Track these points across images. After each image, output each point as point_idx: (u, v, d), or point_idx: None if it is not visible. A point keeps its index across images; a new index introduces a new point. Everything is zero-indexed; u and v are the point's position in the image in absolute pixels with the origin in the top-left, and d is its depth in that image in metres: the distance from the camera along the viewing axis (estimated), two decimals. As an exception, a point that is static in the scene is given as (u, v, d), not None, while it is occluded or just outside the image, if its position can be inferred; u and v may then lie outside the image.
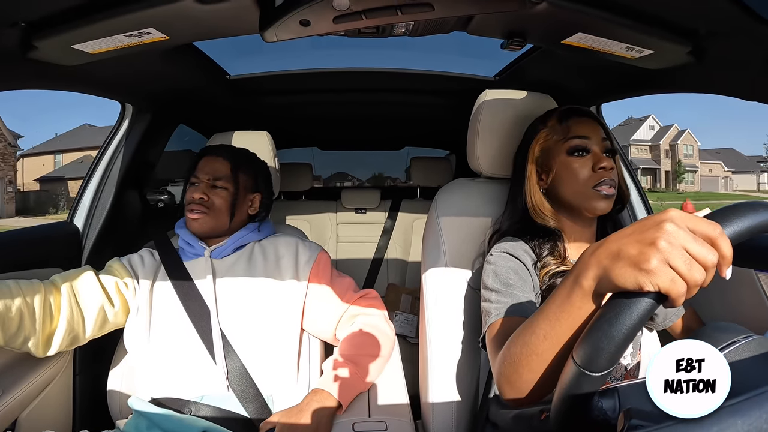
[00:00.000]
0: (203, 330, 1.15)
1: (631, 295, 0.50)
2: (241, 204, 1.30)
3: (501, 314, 0.90)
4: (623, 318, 0.49)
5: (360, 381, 1.11)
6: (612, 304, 0.51)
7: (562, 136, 1.05)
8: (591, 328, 0.52)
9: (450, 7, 0.88)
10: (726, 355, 0.54)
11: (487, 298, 0.96)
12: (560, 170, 1.04)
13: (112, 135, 1.62)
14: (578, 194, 1.02)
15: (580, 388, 0.53)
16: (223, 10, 0.86)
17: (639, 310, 0.49)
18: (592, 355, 0.51)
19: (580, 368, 0.52)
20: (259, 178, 1.36)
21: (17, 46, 0.93)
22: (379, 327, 1.22)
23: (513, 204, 1.13)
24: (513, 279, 0.96)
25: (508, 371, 0.71)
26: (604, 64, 1.16)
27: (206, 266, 1.22)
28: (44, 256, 1.33)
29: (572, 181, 1.02)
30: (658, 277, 0.48)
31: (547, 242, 1.03)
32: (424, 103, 2.14)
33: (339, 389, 1.07)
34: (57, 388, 1.27)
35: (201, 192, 1.23)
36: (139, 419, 1.09)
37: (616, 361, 0.51)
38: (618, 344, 0.49)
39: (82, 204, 1.55)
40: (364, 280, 2.66)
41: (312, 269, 1.24)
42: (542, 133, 1.09)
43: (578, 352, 0.53)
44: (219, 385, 1.12)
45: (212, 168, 1.27)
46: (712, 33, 0.92)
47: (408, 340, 2.33)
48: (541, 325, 0.64)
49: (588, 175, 1.01)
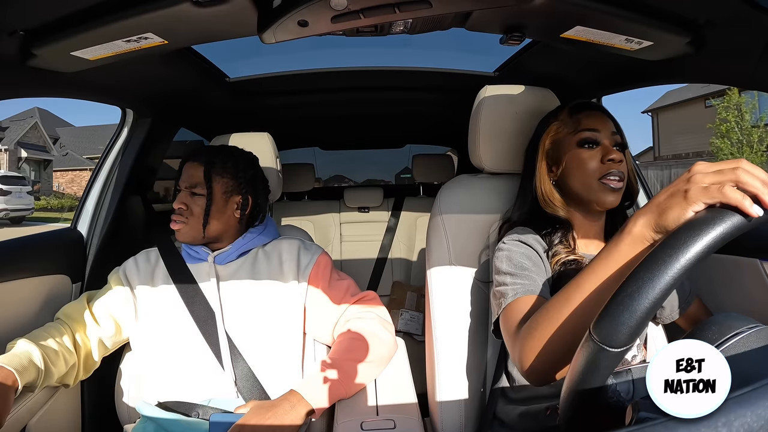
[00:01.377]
0: (209, 334, 1.15)
1: (653, 267, 0.50)
2: (221, 209, 1.22)
3: (519, 293, 0.90)
4: (645, 292, 0.50)
5: (341, 386, 1.08)
6: (632, 278, 0.51)
7: (572, 128, 1.05)
8: (611, 303, 0.52)
9: (448, 3, 0.87)
10: (732, 345, 0.54)
11: (502, 281, 0.95)
12: (570, 162, 1.04)
13: (114, 140, 1.63)
14: (586, 186, 1.02)
15: (597, 364, 0.53)
16: (220, 13, 0.86)
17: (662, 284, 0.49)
18: (611, 329, 0.51)
19: (598, 344, 0.52)
20: (240, 178, 1.26)
21: (16, 55, 0.93)
22: (372, 331, 1.17)
23: (523, 195, 1.14)
24: (527, 264, 0.96)
25: (534, 341, 0.73)
26: (604, 57, 1.16)
27: (210, 271, 1.22)
28: (49, 263, 1.34)
29: (581, 172, 1.03)
30: (703, 194, 0.54)
31: (557, 231, 1.03)
32: (425, 101, 2.14)
33: (314, 393, 1.04)
34: (65, 395, 1.27)
35: (180, 201, 1.20)
36: (147, 423, 1.09)
37: (636, 337, 0.51)
38: (639, 318, 0.50)
39: (85, 210, 1.56)
40: (369, 279, 2.66)
41: (312, 272, 1.23)
42: (553, 126, 1.09)
43: (596, 327, 0.52)
44: (227, 389, 1.12)
45: (189, 175, 1.22)
46: (711, 23, 0.92)
47: (414, 338, 2.34)
48: (587, 278, 0.67)
49: (596, 166, 1.01)
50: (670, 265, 0.49)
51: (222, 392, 1.12)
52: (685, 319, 1.14)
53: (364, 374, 1.13)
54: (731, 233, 0.50)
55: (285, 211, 2.67)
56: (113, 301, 1.21)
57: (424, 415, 1.14)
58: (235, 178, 1.25)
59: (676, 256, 0.50)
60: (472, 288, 1.19)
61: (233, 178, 1.25)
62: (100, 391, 1.36)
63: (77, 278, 1.43)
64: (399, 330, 2.32)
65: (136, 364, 1.22)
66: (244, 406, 1.05)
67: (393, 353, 1.22)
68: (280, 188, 1.54)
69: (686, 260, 0.49)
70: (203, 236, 1.21)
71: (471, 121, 1.27)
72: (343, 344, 1.15)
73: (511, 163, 1.23)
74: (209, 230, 1.21)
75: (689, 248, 0.50)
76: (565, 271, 0.99)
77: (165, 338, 1.17)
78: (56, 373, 1.07)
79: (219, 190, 1.22)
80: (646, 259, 0.52)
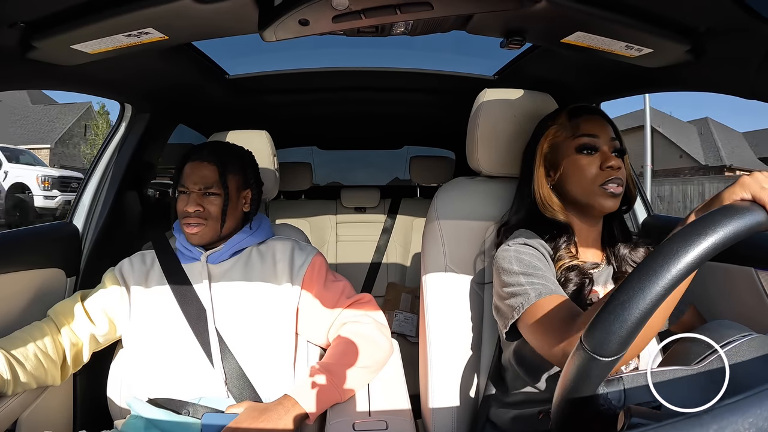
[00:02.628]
0: (200, 332, 1.15)
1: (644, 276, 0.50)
2: (234, 206, 1.24)
3: (543, 293, 0.88)
4: (636, 302, 0.50)
5: (336, 391, 1.07)
6: (624, 287, 0.51)
7: (571, 133, 1.04)
8: (602, 312, 0.52)
9: (449, 5, 0.88)
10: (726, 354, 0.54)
11: (515, 282, 0.93)
12: (568, 167, 1.04)
13: (112, 135, 1.62)
14: (585, 192, 1.01)
15: (588, 373, 0.53)
16: (222, 9, 0.86)
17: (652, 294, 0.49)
18: (602, 339, 0.51)
19: (589, 353, 0.52)
20: (248, 172, 1.29)
21: (16, 46, 0.93)
22: (366, 335, 1.16)
23: (520, 198, 1.13)
24: (538, 264, 0.95)
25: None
26: (604, 63, 1.16)
27: (203, 270, 1.21)
28: (44, 257, 1.33)
29: (580, 178, 1.02)
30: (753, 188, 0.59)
31: (560, 236, 1.02)
32: (424, 102, 2.14)
33: (309, 398, 1.03)
34: (57, 390, 1.27)
35: (195, 203, 1.18)
36: (137, 419, 1.08)
37: (627, 346, 0.51)
38: (630, 328, 0.50)
39: (81, 204, 1.55)
40: (364, 280, 2.66)
41: (306, 273, 1.21)
42: (551, 130, 1.08)
43: (587, 337, 0.52)
44: (217, 388, 1.12)
45: (200, 176, 1.20)
46: (711, 31, 0.92)
47: (408, 339, 2.33)
48: None
49: (595, 173, 1.00)
50: (661, 276, 0.49)
51: (212, 391, 1.12)
52: (678, 326, 1.14)
53: (359, 379, 1.12)
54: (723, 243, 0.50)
55: (281, 211, 2.66)
56: (108, 299, 1.21)
57: (417, 417, 1.14)
58: (244, 174, 1.27)
59: (668, 266, 0.49)
60: (468, 293, 1.19)
61: (243, 174, 1.27)
62: (92, 387, 1.35)
63: (72, 272, 1.42)
64: (393, 331, 2.32)
65: (128, 360, 1.21)
66: (237, 406, 1.05)
67: (389, 357, 1.21)
68: (276, 186, 1.54)
69: (678, 271, 0.49)
70: (219, 235, 1.22)
71: (469, 124, 1.27)
72: (338, 348, 1.14)
73: (509, 167, 1.23)
74: (225, 228, 1.22)
75: (680, 259, 0.49)
76: (568, 276, 0.98)
77: (157, 336, 1.16)
78: (28, 377, 1.06)
79: (233, 188, 1.23)
80: (638, 267, 0.52)
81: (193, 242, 1.21)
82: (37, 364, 1.08)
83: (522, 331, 0.91)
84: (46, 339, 1.12)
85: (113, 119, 3.05)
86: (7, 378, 1.01)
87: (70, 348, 1.15)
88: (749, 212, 0.53)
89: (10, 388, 1.02)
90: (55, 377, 1.13)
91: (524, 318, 0.89)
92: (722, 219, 0.51)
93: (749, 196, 0.59)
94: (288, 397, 1.03)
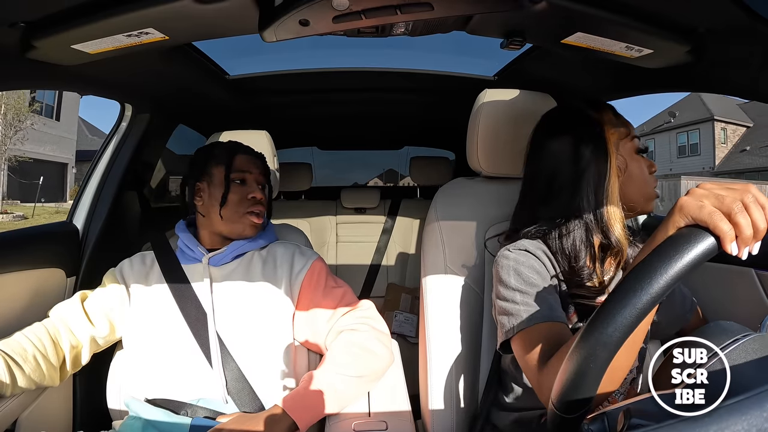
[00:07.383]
0: (200, 334, 1.14)
1: (595, 331, 0.50)
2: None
3: (536, 319, 0.84)
4: (587, 362, 0.50)
5: (330, 402, 1.04)
6: (573, 352, 0.52)
7: (626, 132, 0.98)
8: (561, 371, 0.53)
9: (449, 6, 0.88)
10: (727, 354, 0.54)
11: (509, 297, 0.90)
12: (633, 170, 0.96)
13: (112, 135, 1.62)
14: (645, 197, 0.96)
15: (561, 428, 0.54)
16: (222, 9, 0.86)
17: (602, 357, 0.49)
18: (563, 398, 0.52)
19: (556, 412, 0.53)
20: (268, 173, 1.36)
21: (17, 46, 0.93)
22: (364, 345, 1.12)
23: (526, 203, 1.03)
24: (535, 279, 0.90)
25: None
26: (604, 64, 1.16)
27: (204, 272, 1.21)
28: (45, 256, 1.33)
29: (640, 181, 0.96)
30: (695, 211, 0.54)
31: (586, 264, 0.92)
32: (424, 103, 2.14)
33: (300, 410, 1.01)
34: (57, 390, 1.26)
35: (260, 192, 1.25)
36: (135, 420, 1.08)
37: (587, 403, 0.52)
38: (587, 388, 0.51)
39: (81, 204, 1.55)
40: (364, 280, 2.66)
41: (305, 278, 1.21)
42: (609, 127, 0.96)
43: (554, 396, 0.54)
44: (216, 389, 1.11)
45: (256, 165, 1.28)
46: (711, 32, 0.92)
47: (408, 340, 2.34)
48: None
49: (648, 177, 0.97)
50: (601, 342, 0.49)
51: (211, 392, 1.11)
52: (684, 332, 1.13)
53: (355, 389, 1.08)
54: (665, 291, 0.48)
55: (281, 211, 2.66)
56: (108, 300, 1.21)
57: (416, 418, 1.14)
58: (267, 176, 1.34)
59: (606, 330, 0.49)
60: (468, 294, 1.19)
61: (267, 175, 1.34)
62: (92, 387, 1.35)
63: (72, 272, 1.42)
64: (393, 332, 2.32)
65: (127, 361, 1.21)
66: (228, 416, 1.04)
67: (388, 366, 1.16)
68: (277, 187, 1.54)
69: (619, 333, 0.49)
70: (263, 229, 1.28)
71: (470, 125, 1.27)
72: (334, 358, 1.10)
73: (509, 167, 1.23)
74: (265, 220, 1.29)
75: (617, 321, 0.49)
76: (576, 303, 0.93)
77: (156, 337, 1.16)
78: (26, 380, 1.06)
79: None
80: (584, 330, 0.52)
81: (249, 234, 1.24)
82: (36, 367, 1.08)
83: (513, 349, 0.89)
84: (46, 342, 1.12)
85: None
86: (6, 381, 1.02)
87: (69, 350, 1.15)
88: (692, 243, 0.51)
89: (8, 390, 1.02)
90: (53, 379, 1.13)
91: (514, 340, 0.88)
92: (659, 264, 0.49)
93: (690, 221, 0.55)
94: (277, 407, 1.02)
